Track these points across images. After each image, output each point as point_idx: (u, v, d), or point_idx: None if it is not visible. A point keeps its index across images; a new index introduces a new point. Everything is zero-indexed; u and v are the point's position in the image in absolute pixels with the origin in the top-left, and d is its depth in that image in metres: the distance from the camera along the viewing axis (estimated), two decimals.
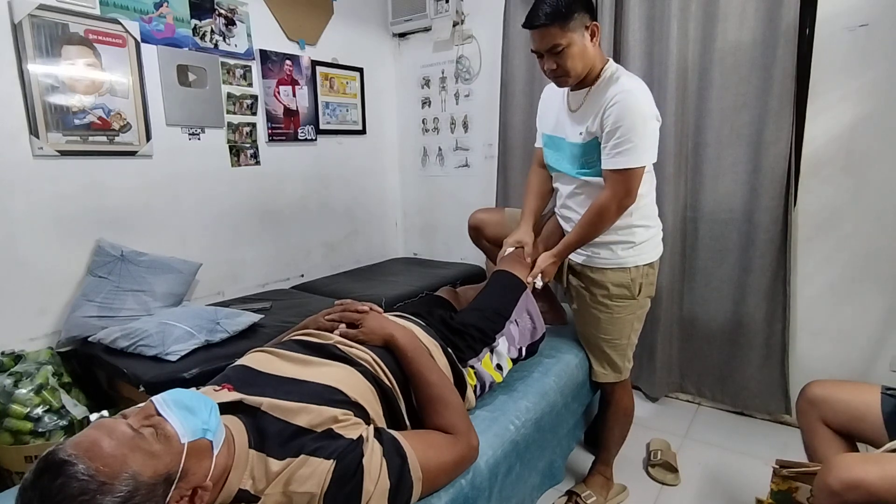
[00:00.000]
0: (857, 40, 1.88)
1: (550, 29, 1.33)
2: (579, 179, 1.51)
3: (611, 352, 1.60)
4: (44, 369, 1.74)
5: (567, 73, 1.40)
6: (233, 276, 2.59)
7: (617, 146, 1.35)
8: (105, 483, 0.66)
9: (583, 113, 1.45)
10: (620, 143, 1.34)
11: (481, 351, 1.34)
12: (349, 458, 0.85)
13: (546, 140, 1.62)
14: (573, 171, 1.51)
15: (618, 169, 1.36)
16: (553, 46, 1.35)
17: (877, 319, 1.98)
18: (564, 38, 1.34)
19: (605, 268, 1.52)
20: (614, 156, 1.36)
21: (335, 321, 1.20)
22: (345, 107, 3.05)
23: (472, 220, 1.86)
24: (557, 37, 1.34)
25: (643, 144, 1.35)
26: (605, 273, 1.52)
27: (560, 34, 1.33)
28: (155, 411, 0.76)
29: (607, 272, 1.52)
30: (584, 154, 1.47)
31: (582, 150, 1.46)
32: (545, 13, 1.32)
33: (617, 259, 1.51)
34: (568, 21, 1.32)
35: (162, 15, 2.17)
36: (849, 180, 1.96)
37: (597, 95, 1.41)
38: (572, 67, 1.38)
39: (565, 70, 1.39)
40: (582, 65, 1.39)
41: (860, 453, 1.17)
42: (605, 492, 1.72)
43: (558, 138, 1.56)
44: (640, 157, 1.35)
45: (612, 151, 1.36)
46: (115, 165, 2.09)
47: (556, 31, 1.33)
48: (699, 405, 2.40)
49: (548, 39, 1.35)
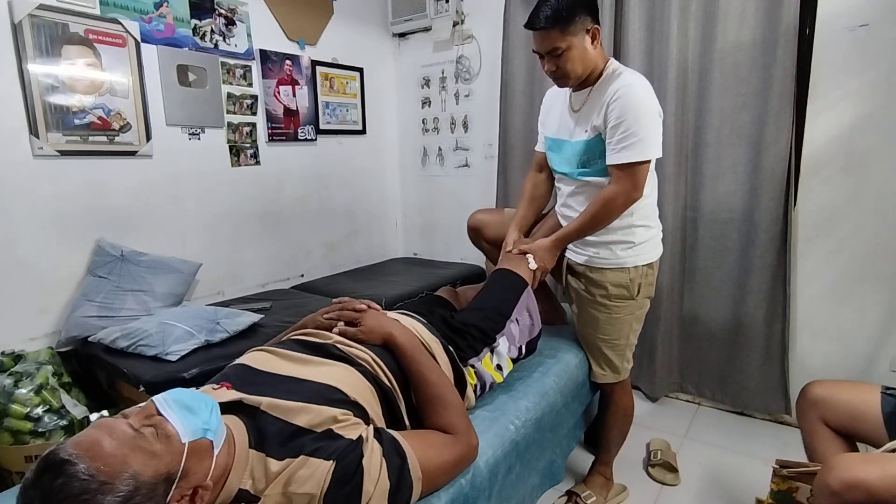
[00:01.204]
0: (857, 40, 1.88)
1: (551, 32, 1.33)
2: (580, 180, 1.51)
3: (609, 352, 1.60)
4: (44, 369, 1.73)
5: (567, 75, 1.40)
6: (233, 276, 2.59)
7: (622, 140, 1.35)
8: (106, 482, 0.66)
9: (586, 111, 1.45)
10: (625, 138, 1.34)
11: (482, 351, 1.34)
12: (349, 459, 0.85)
13: (549, 143, 1.62)
14: (574, 173, 1.51)
15: (624, 163, 1.36)
16: (553, 49, 1.35)
17: (877, 319, 1.98)
18: (564, 42, 1.34)
19: (605, 268, 1.52)
20: (620, 150, 1.36)
21: (333, 319, 1.20)
22: (345, 107, 3.05)
23: (472, 221, 1.85)
24: (557, 40, 1.34)
25: (648, 138, 1.35)
26: (605, 273, 1.52)
27: (560, 37, 1.33)
28: (156, 411, 0.76)
29: (606, 272, 1.52)
30: (585, 152, 1.46)
31: (585, 147, 1.46)
32: (546, 16, 1.32)
33: (616, 259, 1.51)
34: (569, 25, 1.32)
35: (162, 15, 2.17)
36: (849, 180, 1.96)
37: (599, 93, 1.41)
38: (572, 70, 1.38)
39: (565, 72, 1.39)
40: (582, 67, 1.39)
41: (860, 453, 1.17)
42: (605, 492, 1.72)
43: (561, 140, 1.56)
44: (644, 151, 1.35)
45: (616, 146, 1.36)
46: (115, 165, 2.09)
47: (557, 35, 1.33)
48: (699, 405, 2.40)
49: (548, 42, 1.35)
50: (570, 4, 1.31)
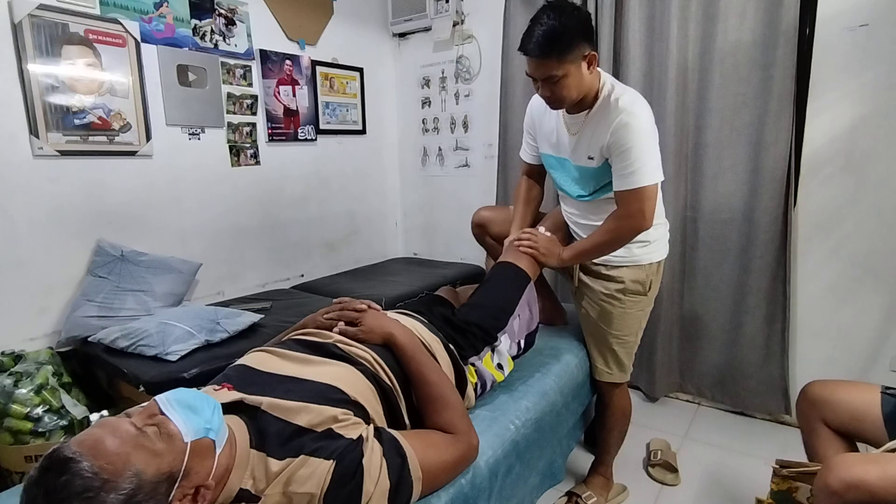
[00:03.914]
0: (857, 40, 1.88)
1: (547, 60, 1.30)
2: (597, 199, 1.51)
3: (619, 349, 1.60)
4: (44, 369, 1.73)
5: (562, 101, 1.38)
6: (233, 276, 2.59)
7: (626, 167, 1.34)
8: (108, 481, 0.66)
9: (586, 138, 1.43)
10: (630, 165, 1.34)
11: (483, 349, 1.34)
12: (349, 459, 0.85)
13: (550, 161, 1.61)
14: (589, 196, 1.52)
15: (630, 189, 1.36)
16: (549, 77, 1.32)
17: (877, 319, 1.98)
18: (561, 69, 1.30)
19: (622, 265, 1.53)
20: (627, 176, 1.35)
21: (334, 319, 1.20)
22: (345, 107, 3.05)
23: (477, 218, 1.86)
24: (554, 68, 1.30)
25: (652, 163, 1.35)
26: (621, 270, 1.53)
27: (557, 65, 1.29)
28: (158, 410, 0.76)
29: (623, 269, 1.53)
30: (597, 177, 1.46)
31: (596, 172, 1.46)
32: (542, 45, 1.27)
33: (632, 257, 1.52)
34: (566, 53, 1.28)
35: (162, 15, 2.17)
36: (849, 180, 1.97)
37: (597, 119, 1.39)
38: (567, 96, 1.36)
39: (560, 98, 1.36)
40: (577, 93, 1.36)
41: (860, 453, 1.17)
42: (605, 492, 1.73)
43: (562, 159, 1.55)
44: (647, 177, 1.34)
45: (622, 172, 1.36)
46: (115, 165, 2.09)
47: (553, 63, 1.29)
48: (699, 405, 2.41)
49: (544, 69, 1.31)
50: (567, 31, 1.26)
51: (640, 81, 2.24)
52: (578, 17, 1.29)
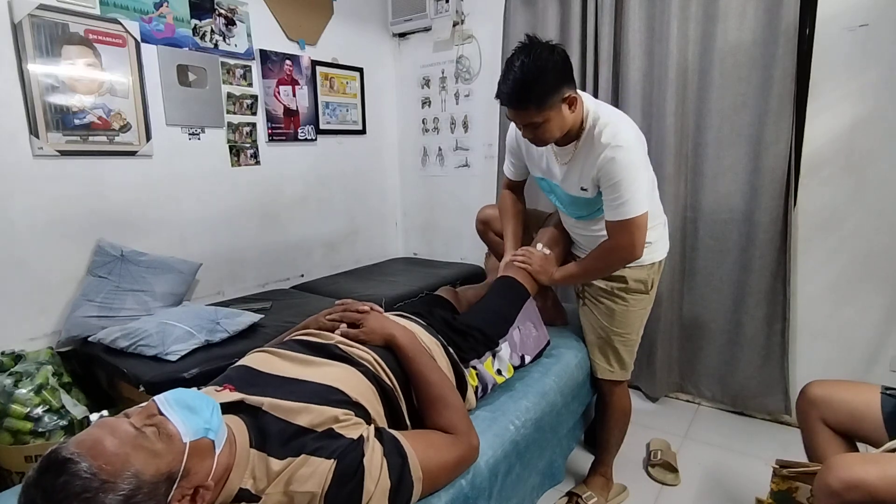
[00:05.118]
0: (857, 40, 1.88)
1: (525, 111, 1.27)
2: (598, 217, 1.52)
3: (621, 347, 1.61)
4: (44, 369, 1.73)
5: (545, 142, 1.38)
6: (233, 276, 2.58)
7: (616, 199, 1.34)
8: (107, 481, 0.66)
9: (576, 170, 1.43)
10: (619, 197, 1.34)
11: (484, 353, 1.34)
12: (350, 458, 0.85)
13: (543, 185, 1.62)
14: (585, 216, 1.54)
15: (620, 220, 1.36)
16: (529, 124, 1.31)
17: (877, 319, 1.98)
18: (541, 117, 1.27)
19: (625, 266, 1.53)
20: (616, 207, 1.35)
21: (336, 321, 1.20)
22: (345, 107, 3.05)
23: (481, 215, 1.88)
24: (534, 116, 1.27)
25: (640, 193, 1.34)
26: (623, 270, 1.53)
27: (536, 114, 1.27)
28: (157, 411, 0.76)
29: (626, 269, 1.53)
30: (592, 204, 1.47)
31: (590, 202, 1.46)
32: (518, 95, 1.24)
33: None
34: (544, 101, 1.25)
35: (162, 15, 2.17)
36: (849, 180, 1.97)
37: (585, 152, 1.39)
38: (550, 137, 1.35)
39: (543, 140, 1.36)
40: (560, 132, 1.34)
41: (860, 453, 1.17)
42: (605, 492, 1.73)
43: (553, 184, 1.55)
44: (636, 206, 1.34)
45: (612, 204, 1.36)
46: (115, 165, 2.09)
47: (532, 112, 1.27)
48: (699, 405, 2.41)
49: (524, 117, 1.30)
50: (542, 77, 1.22)
51: (640, 81, 2.24)
52: (554, 60, 1.24)
